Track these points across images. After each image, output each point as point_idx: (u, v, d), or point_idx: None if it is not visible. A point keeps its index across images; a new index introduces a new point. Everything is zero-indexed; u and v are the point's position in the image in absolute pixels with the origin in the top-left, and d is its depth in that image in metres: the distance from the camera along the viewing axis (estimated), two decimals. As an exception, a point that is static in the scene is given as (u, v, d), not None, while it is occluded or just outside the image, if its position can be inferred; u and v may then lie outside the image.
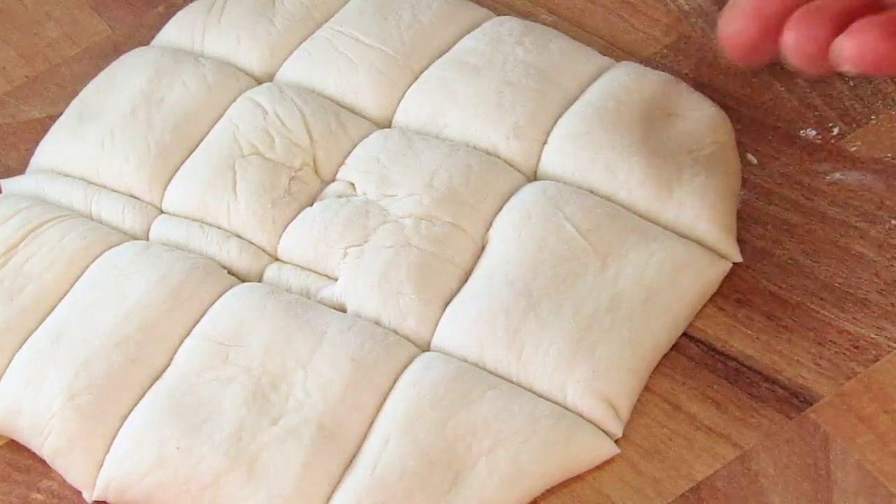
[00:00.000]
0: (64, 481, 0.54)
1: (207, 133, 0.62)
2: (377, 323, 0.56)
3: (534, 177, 0.60)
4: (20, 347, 0.56)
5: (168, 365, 0.55)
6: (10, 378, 0.55)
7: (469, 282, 0.57)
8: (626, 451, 0.53)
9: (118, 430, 0.53)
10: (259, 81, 0.65)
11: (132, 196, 0.61)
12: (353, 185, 0.60)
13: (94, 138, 0.62)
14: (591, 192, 0.59)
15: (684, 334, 0.56)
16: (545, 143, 0.61)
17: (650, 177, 0.58)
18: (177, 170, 0.61)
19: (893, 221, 0.58)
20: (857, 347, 0.55)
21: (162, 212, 0.61)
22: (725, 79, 0.64)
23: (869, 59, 0.43)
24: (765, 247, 0.58)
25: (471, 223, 0.58)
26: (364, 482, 0.51)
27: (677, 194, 0.58)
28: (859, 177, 0.60)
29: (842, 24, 0.44)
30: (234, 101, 0.63)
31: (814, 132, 0.62)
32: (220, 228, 0.59)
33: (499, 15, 0.67)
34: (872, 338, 0.55)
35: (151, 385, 0.54)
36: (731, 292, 0.57)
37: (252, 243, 0.59)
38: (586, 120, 0.60)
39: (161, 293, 0.56)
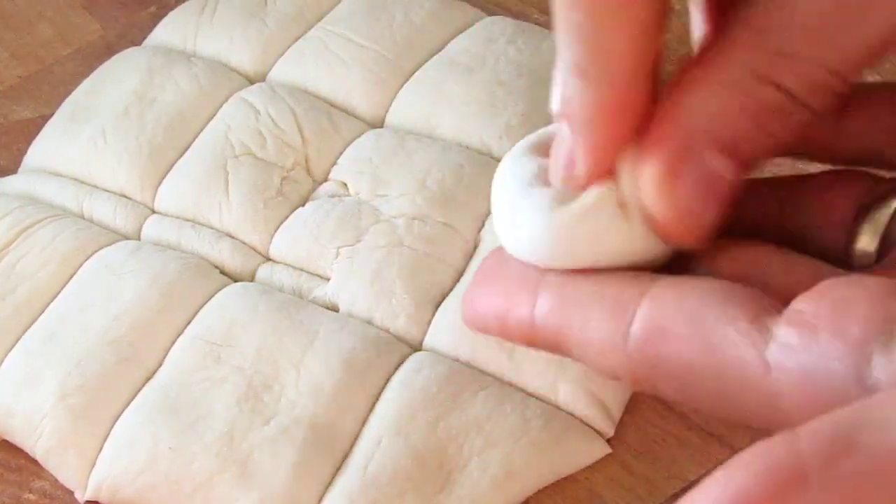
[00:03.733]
0: (56, 481, 0.54)
1: (199, 133, 0.62)
2: (369, 322, 0.56)
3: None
4: (12, 347, 0.56)
5: (160, 365, 0.55)
6: (3, 378, 0.55)
7: (461, 281, 0.57)
8: (617, 451, 0.53)
9: (110, 430, 0.53)
10: (251, 81, 0.65)
11: (124, 196, 0.61)
12: (345, 184, 0.60)
13: (87, 138, 0.62)
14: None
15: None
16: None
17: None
18: (169, 170, 0.61)
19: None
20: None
21: (154, 212, 0.61)
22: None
23: None
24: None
25: (463, 223, 0.58)
26: (356, 482, 0.51)
27: None
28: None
29: None
30: (227, 101, 0.63)
31: (806, 132, 0.62)
32: (212, 228, 0.59)
33: (491, 15, 0.67)
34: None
35: (144, 385, 0.54)
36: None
37: (244, 243, 0.59)
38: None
39: (153, 293, 0.56)
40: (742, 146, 0.29)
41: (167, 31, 0.68)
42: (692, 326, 0.28)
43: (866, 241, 0.32)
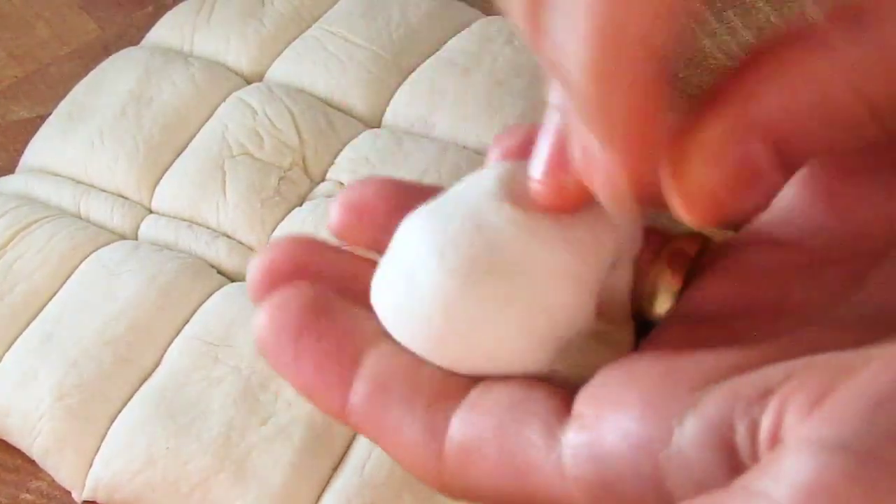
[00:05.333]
0: (53, 481, 0.54)
1: (197, 133, 0.62)
2: (367, 322, 0.56)
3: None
4: (10, 347, 0.56)
5: (157, 365, 0.55)
6: (0, 378, 0.55)
7: (458, 281, 0.57)
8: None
9: (108, 429, 0.53)
10: (248, 81, 0.65)
11: (121, 196, 0.61)
12: (342, 184, 0.60)
13: (84, 138, 0.62)
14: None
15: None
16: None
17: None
18: (166, 169, 0.61)
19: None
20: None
21: (151, 211, 0.61)
22: (713, 77, 0.64)
23: None
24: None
25: (460, 223, 0.58)
26: (353, 482, 0.51)
27: None
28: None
29: None
30: (224, 100, 0.63)
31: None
32: (209, 228, 0.59)
33: (488, 15, 0.67)
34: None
35: (141, 385, 0.54)
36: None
37: (241, 243, 0.59)
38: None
39: (150, 293, 0.56)
40: (790, 143, 0.28)
41: (164, 31, 0.68)
42: (498, 449, 0.26)
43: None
